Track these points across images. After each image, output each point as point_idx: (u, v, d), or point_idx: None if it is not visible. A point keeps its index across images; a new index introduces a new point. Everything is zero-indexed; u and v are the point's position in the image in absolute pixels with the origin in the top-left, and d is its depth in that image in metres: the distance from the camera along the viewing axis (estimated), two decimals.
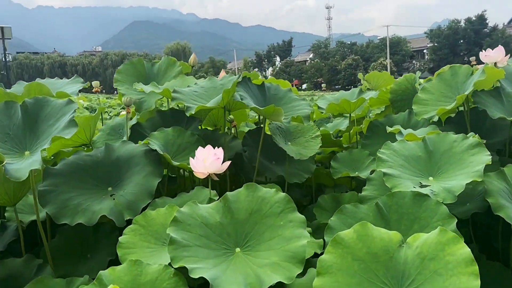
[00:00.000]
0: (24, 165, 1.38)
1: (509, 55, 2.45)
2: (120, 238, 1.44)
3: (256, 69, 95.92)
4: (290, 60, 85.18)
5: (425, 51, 71.54)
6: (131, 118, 2.36)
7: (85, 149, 2.45)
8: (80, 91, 2.42)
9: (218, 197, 1.74)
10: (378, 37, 78.45)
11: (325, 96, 2.97)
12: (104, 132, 2.38)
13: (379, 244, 1.03)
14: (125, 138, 2.22)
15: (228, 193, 1.35)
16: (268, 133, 2.24)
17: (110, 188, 1.87)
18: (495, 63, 2.46)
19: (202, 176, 1.58)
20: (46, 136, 1.54)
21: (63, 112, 1.56)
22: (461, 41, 67.71)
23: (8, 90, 1.72)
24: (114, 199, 1.79)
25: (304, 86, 77.20)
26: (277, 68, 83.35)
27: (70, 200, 1.74)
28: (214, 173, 1.61)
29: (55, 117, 1.56)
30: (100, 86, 2.64)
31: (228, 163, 1.62)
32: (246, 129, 2.73)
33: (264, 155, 2.38)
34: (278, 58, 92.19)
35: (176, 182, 2.42)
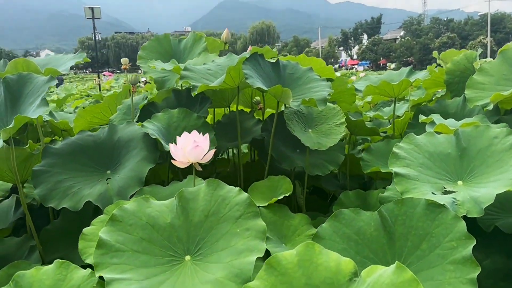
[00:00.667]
0: None
1: None
2: (84, 229, 1.33)
3: (341, 48, 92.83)
4: (378, 38, 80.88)
5: None
6: (146, 97, 2.26)
7: None
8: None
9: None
10: (479, 13, 70.97)
11: (369, 77, 2.60)
12: (121, 111, 2.31)
13: (323, 274, 0.78)
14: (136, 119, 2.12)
15: (185, 189, 1.16)
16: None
17: (109, 171, 1.78)
18: None
19: (181, 165, 1.41)
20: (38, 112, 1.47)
21: (43, 90, 1.47)
22: None
23: None
24: (107, 183, 1.70)
25: (392, 65, 73.04)
26: (363, 47, 79.71)
27: (62, 183, 1.69)
28: (197, 163, 1.43)
29: (36, 95, 1.49)
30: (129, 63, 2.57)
31: (212, 152, 1.43)
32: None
33: (286, 142, 2.14)
34: (365, 36, 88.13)
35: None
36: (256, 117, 2.51)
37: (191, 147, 1.38)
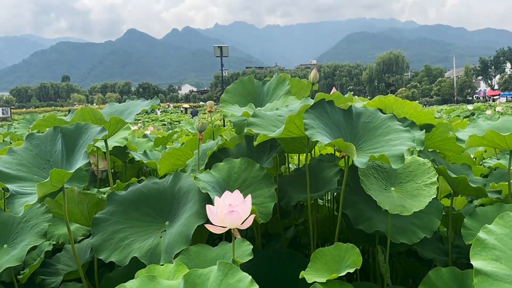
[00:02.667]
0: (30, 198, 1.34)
1: None
2: None
3: (480, 77, 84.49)
4: None
5: None
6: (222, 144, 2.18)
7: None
8: None
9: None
10: None
11: (478, 123, 2.13)
12: (197, 154, 2.27)
13: None
14: (202, 167, 2.05)
15: (194, 271, 0.99)
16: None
17: (167, 223, 1.72)
18: None
19: (215, 231, 1.26)
20: (77, 165, 1.49)
21: (88, 142, 1.48)
22: None
23: (64, 117, 1.77)
24: (161, 236, 1.63)
25: None
26: (506, 76, 71.18)
27: (118, 233, 1.66)
28: (236, 229, 1.27)
29: (88, 144, 1.50)
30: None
31: (252, 218, 1.25)
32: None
33: (367, 198, 1.84)
34: (508, 65, 78.83)
35: None
36: (341, 166, 2.25)
37: (226, 212, 1.22)
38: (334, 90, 2.27)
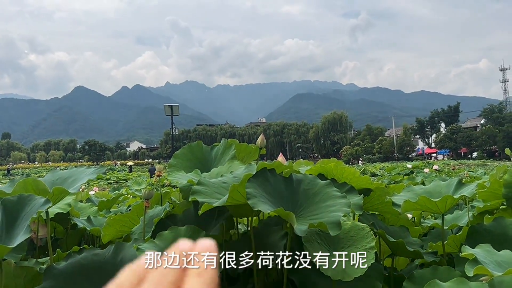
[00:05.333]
0: None
1: None
2: None
3: (418, 136, 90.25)
4: (457, 126, 77.80)
5: None
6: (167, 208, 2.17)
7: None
8: None
9: None
10: None
11: (412, 188, 2.30)
12: (143, 222, 2.23)
13: None
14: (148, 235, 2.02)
15: None
16: None
17: None
18: None
19: None
20: (19, 239, 1.43)
21: (31, 214, 1.44)
22: None
23: (2, 187, 1.71)
24: None
25: (474, 154, 68.87)
26: (441, 135, 76.80)
27: None
28: None
29: (32, 217, 1.45)
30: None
31: None
32: None
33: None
34: (443, 125, 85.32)
35: None
36: (287, 229, 2.29)
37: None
38: (281, 156, 2.37)
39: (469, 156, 69.42)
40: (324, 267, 1.63)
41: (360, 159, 73.71)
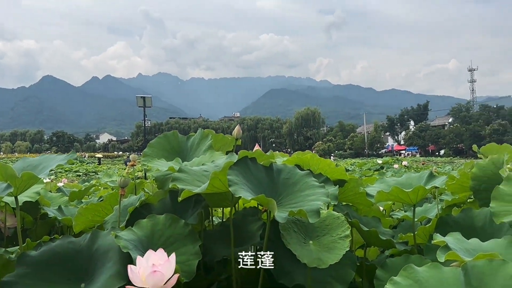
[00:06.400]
0: None
1: None
2: None
3: (388, 133, 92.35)
4: (426, 124, 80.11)
5: None
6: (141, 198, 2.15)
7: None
8: None
9: None
10: None
11: (385, 179, 2.37)
12: (117, 211, 2.21)
13: None
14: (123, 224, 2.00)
15: None
16: None
17: (83, 285, 1.62)
18: None
19: None
20: None
21: None
22: None
23: None
24: None
25: (442, 152, 71.09)
26: (410, 133, 78.89)
27: None
28: None
29: None
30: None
31: (175, 277, 1.25)
32: None
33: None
34: (412, 122, 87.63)
35: None
36: (264, 219, 2.32)
37: (148, 272, 1.21)
38: (257, 146, 2.39)
39: (437, 153, 71.66)
40: (300, 254, 1.66)
41: (332, 154, 74.84)
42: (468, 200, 2.75)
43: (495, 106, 75.77)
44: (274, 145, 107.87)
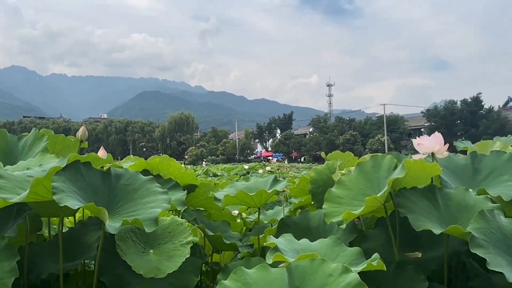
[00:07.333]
0: None
1: (447, 144, 1.94)
2: None
3: (257, 140, 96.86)
4: (290, 133, 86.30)
5: (422, 130, 72.22)
6: None
7: None
8: None
9: None
10: (377, 115, 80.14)
11: (235, 184, 2.42)
12: None
13: None
14: None
15: None
16: None
17: None
18: (433, 153, 1.95)
19: None
20: None
21: None
22: (458, 121, 68.69)
23: None
24: None
25: (303, 158, 77.18)
26: (277, 140, 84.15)
27: None
28: None
29: None
30: None
31: None
32: None
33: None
34: (278, 130, 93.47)
35: None
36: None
37: None
38: (101, 150, 2.20)
39: (299, 159, 77.66)
40: (137, 265, 1.55)
41: (204, 160, 75.49)
42: (312, 202, 2.96)
43: (348, 119, 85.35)
44: (145, 149, 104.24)
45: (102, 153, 2.07)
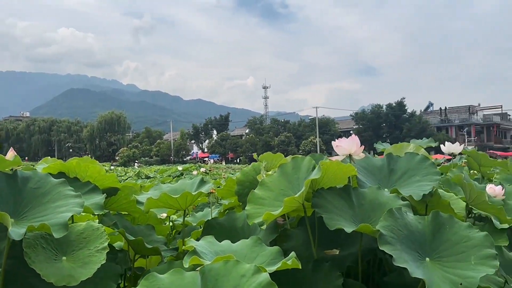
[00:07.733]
0: None
1: (363, 146, 2.05)
2: None
3: (193, 141, 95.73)
4: (226, 134, 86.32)
5: (351, 132, 75.88)
6: None
7: None
8: None
9: None
10: (310, 117, 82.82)
11: (160, 186, 2.37)
12: None
13: None
14: None
15: None
16: None
17: None
18: (350, 155, 2.04)
19: None
20: None
21: None
22: (383, 124, 73.07)
23: None
24: None
25: (239, 159, 77.63)
26: (213, 141, 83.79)
27: None
28: None
29: None
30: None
31: None
32: None
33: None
34: (215, 131, 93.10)
35: None
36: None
37: None
38: (11, 151, 2.04)
39: (235, 160, 77.97)
40: (47, 274, 1.46)
41: (137, 161, 73.09)
42: (240, 204, 2.98)
43: (282, 120, 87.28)
44: (71, 150, 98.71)
45: (11, 154, 1.92)
